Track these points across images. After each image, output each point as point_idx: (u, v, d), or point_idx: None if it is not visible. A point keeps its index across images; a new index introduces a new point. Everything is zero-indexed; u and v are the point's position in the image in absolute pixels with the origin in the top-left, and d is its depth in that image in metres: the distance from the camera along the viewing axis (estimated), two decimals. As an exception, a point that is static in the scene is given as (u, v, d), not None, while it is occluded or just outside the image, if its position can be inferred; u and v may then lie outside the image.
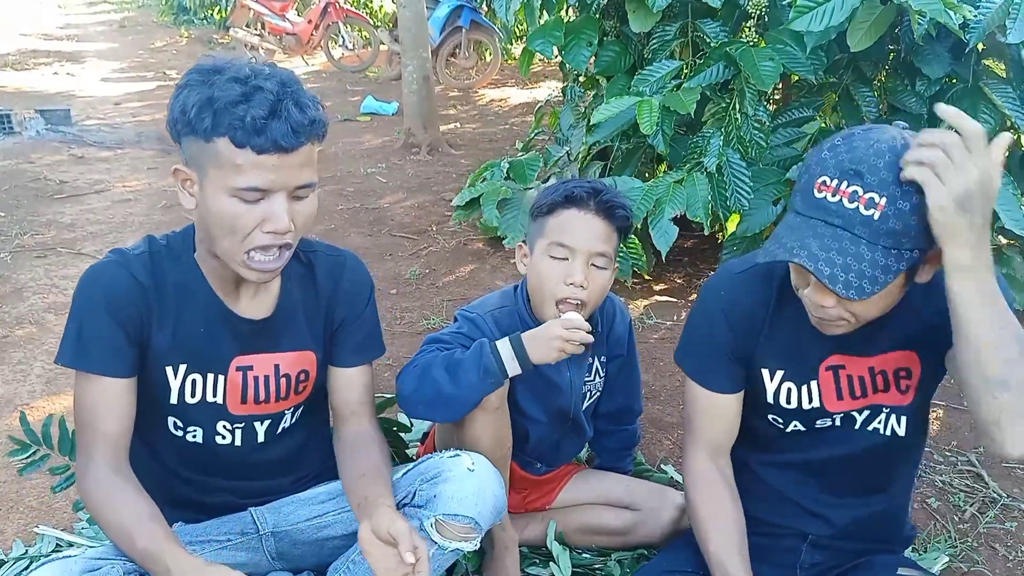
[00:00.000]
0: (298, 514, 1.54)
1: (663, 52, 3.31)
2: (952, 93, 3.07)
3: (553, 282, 1.57)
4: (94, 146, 5.85)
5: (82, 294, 1.32)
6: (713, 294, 1.42)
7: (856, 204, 1.10)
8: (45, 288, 3.46)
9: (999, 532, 2.06)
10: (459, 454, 1.48)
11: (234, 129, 1.16)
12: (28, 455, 1.67)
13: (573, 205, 1.58)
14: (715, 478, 1.44)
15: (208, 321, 1.37)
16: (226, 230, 1.23)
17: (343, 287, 1.48)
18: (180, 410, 1.41)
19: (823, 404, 1.40)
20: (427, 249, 4.00)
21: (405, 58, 5.61)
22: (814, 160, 1.16)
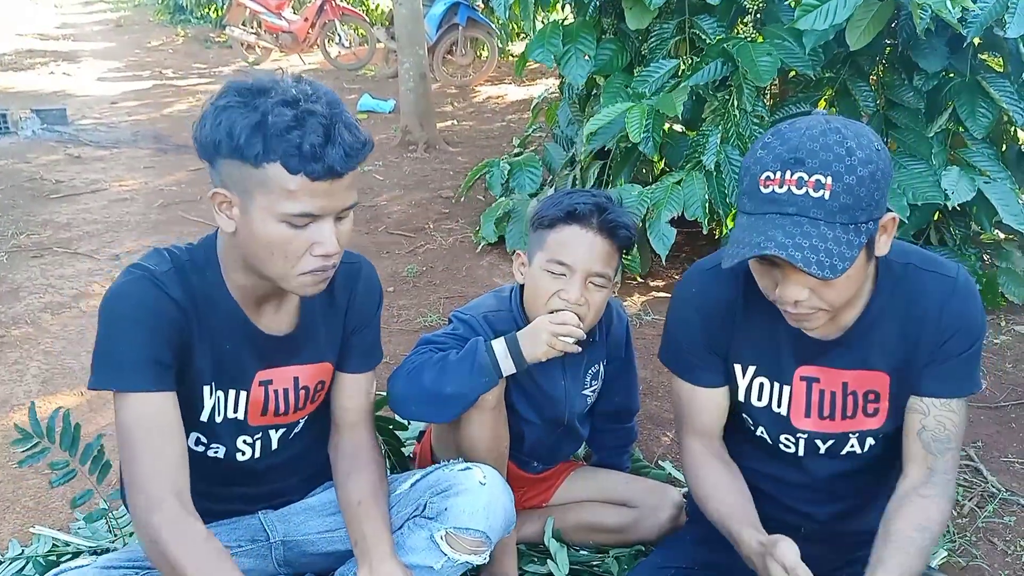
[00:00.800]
0: (309, 525, 1.54)
1: (661, 50, 3.31)
2: (949, 87, 3.07)
3: (548, 298, 1.55)
4: (90, 145, 5.84)
5: (113, 312, 1.23)
6: (685, 292, 1.44)
7: (805, 189, 1.12)
8: (41, 288, 3.45)
9: (998, 527, 2.06)
10: (470, 467, 1.47)
11: (289, 156, 1.12)
12: (30, 447, 1.66)
13: (575, 222, 1.54)
14: (710, 457, 1.45)
15: (233, 338, 1.34)
16: (277, 255, 1.20)
17: (358, 295, 1.47)
18: (207, 428, 1.38)
19: (789, 416, 1.39)
20: (424, 247, 3.99)
21: (402, 55, 5.60)
22: (751, 161, 1.18)
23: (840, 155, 1.11)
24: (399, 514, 1.48)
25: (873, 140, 1.16)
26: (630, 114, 3.03)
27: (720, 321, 1.39)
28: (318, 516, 1.55)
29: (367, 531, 1.38)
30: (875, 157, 1.14)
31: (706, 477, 1.44)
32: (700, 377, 1.44)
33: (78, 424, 1.71)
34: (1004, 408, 2.62)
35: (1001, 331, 3.13)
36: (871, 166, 1.13)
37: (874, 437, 1.41)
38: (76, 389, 2.64)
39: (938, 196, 2.94)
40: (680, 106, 2.99)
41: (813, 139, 1.13)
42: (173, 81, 8.47)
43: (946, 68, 3.05)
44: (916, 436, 1.34)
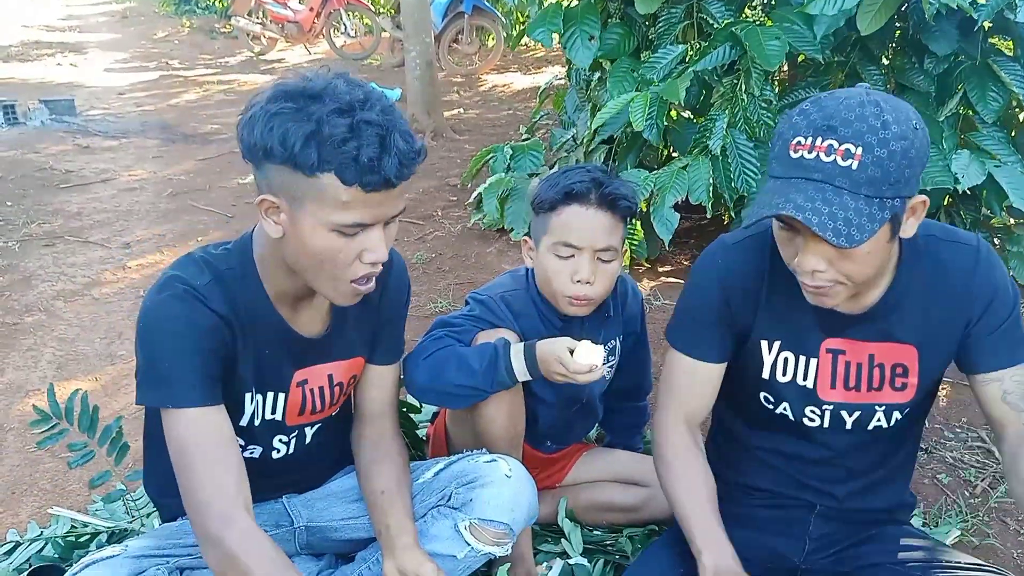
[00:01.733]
0: (332, 512, 1.55)
1: (668, 35, 3.30)
2: (960, 71, 3.05)
3: (561, 280, 1.56)
4: (99, 136, 5.86)
5: (159, 328, 1.23)
6: (709, 262, 1.42)
7: (833, 157, 1.11)
8: (54, 276, 3.48)
9: (1010, 507, 2.06)
10: (496, 459, 1.48)
11: (344, 168, 1.10)
12: (48, 428, 1.68)
13: (575, 201, 1.55)
14: (687, 440, 1.42)
15: (274, 342, 1.34)
16: (327, 264, 1.19)
17: (390, 289, 1.47)
18: (246, 431, 1.39)
19: (816, 388, 1.38)
20: (433, 234, 4.00)
21: (408, 44, 5.59)
22: (785, 126, 1.17)
23: (874, 127, 1.10)
24: (423, 503, 1.49)
25: (912, 118, 1.15)
26: (634, 103, 3.02)
27: (743, 295, 1.38)
28: (341, 503, 1.56)
29: (391, 522, 1.38)
30: (911, 135, 1.12)
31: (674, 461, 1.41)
32: (706, 352, 1.42)
33: (96, 406, 1.72)
34: (1015, 391, 2.62)
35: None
36: (904, 142, 1.11)
37: (901, 411, 1.39)
38: (90, 375, 2.66)
39: (948, 181, 2.93)
40: (683, 92, 2.98)
41: (850, 109, 1.12)
42: (180, 72, 8.48)
43: (956, 52, 3.03)
44: (1000, 402, 1.32)
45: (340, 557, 1.60)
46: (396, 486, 1.43)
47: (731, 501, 1.50)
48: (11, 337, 2.93)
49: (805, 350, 1.38)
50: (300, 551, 1.57)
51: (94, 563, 1.31)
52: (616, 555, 1.77)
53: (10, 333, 2.96)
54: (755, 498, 1.52)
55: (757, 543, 1.47)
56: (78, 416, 1.69)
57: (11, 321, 3.05)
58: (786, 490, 1.50)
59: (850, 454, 1.45)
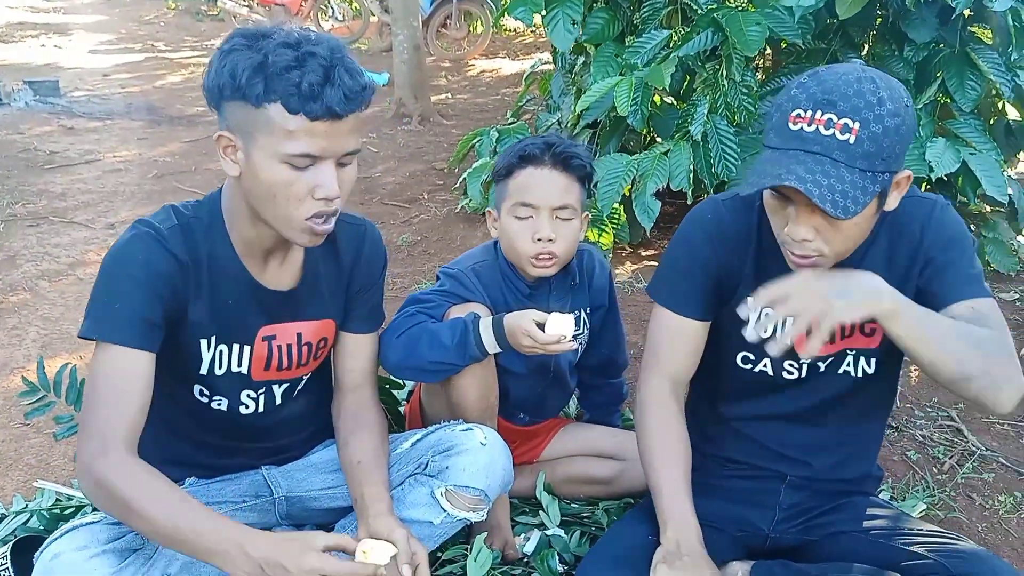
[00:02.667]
0: (311, 481, 1.58)
1: (653, 20, 3.32)
2: (939, 59, 3.09)
3: (522, 241, 1.61)
4: (83, 117, 5.84)
5: (114, 267, 1.26)
6: (699, 217, 1.44)
7: (832, 131, 1.15)
8: (38, 256, 3.49)
9: (976, 483, 2.12)
10: (471, 428, 1.52)
11: (288, 95, 1.14)
12: (36, 399, 1.71)
13: (529, 163, 1.60)
14: (670, 406, 1.44)
15: (237, 293, 1.37)
16: (279, 198, 1.21)
17: (363, 256, 1.49)
18: (208, 380, 1.41)
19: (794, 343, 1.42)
20: (418, 217, 4.03)
21: (395, 28, 5.60)
22: (785, 98, 1.20)
23: (871, 103, 1.14)
24: (400, 471, 1.52)
25: (903, 96, 1.19)
26: (618, 88, 3.05)
27: (732, 249, 1.40)
28: (320, 473, 1.59)
29: (366, 491, 1.41)
30: (903, 112, 1.17)
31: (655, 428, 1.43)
32: (691, 308, 1.43)
33: (83, 379, 1.75)
34: (986, 372, 2.68)
35: (986, 299, 3.19)
36: (898, 119, 1.16)
37: (867, 360, 1.43)
38: (75, 353, 2.68)
39: (922, 170, 2.96)
40: (668, 78, 3.01)
41: (848, 84, 1.16)
42: (165, 54, 8.43)
43: (935, 40, 3.07)
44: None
45: (320, 527, 1.62)
46: (373, 456, 1.45)
47: (706, 472, 1.54)
48: (-4, 316, 2.94)
49: None
50: (281, 521, 1.60)
51: (73, 529, 1.34)
52: (592, 527, 1.81)
53: (-6, 312, 2.97)
54: (729, 469, 1.57)
55: (729, 513, 1.52)
56: (66, 389, 1.72)
57: (-5, 300, 3.07)
58: (760, 461, 1.54)
59: (825, 407, 1.48)
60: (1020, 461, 2.21)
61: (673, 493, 1.37)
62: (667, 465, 1.40)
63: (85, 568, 1.27)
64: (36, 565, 1.30)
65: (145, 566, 1.33)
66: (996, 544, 1.91)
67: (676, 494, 1.37)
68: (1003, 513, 2.01)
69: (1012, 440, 2.32)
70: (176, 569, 1.35)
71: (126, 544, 1.33)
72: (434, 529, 1.48)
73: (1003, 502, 2.05)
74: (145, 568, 1.32)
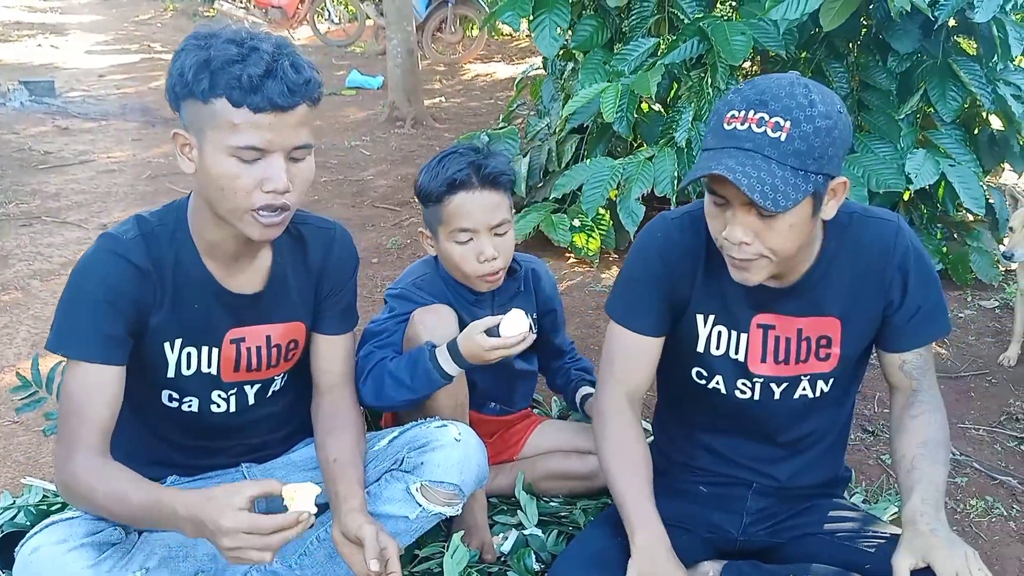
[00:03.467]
0: (291, 480, 1.59)
1: (640, 28, 3.37)
2: (921, 69, 3.14)
3: (468, 263, 1.66)
4: (78, 117, 5.87)
5: (78, 284, 1.32)
6: (649, 237, 1.48)
7: (764, 128, 1.19)
8: (31, 255, 3.52)
9: (950, 487, 2.15)
10: (446, 424, 1.55)
11: (231, 88, 1.18)
12: (28, 395, 1.75)
13: (460, 189, 1.64)
14: (627, 416, 1.48)
15: (202, 297, 1.40)
16: (227, 191, 1.24)
17: (332, 260, 1.52)
18: (176, 383, 1.45)
19: (747, 362, 1.45)
20: (408, 220, 4.06)
21: (390, 32, 5.64)
22: (722, 104, 1.26)
23: (802, 104, 1.19)
24: (377, 468, 1.55)
25: (837, 103, 1.23)
26: (605, 95, 3.10)
27: (683, 268, 1.44)
28: (299, 471, 1.62)
29: (340, 489, 1.44)
30: (835, 116, 1.21)
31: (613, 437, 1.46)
32: (642, 323, 1.47)
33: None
34: (964, 378, 2.73)
35: (967, 306, 3.23)
36: (829, 121, 1.20)
37: (825, 381, 1.47)
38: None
39: (900, 184, 3.01)
40: (654, 86, 3.06)
41: (780, 87, 1.21)
42: (161, 55, 8.45)
43: (918, 50, 3.12)
44: (898, 369, 1.46)
45: (299, 525, 1.66)
46: (349, 455, 1.48)
47: (673, 476, 1.58)
48: (-13, 314, 2.97)
49: (737, 324, 1.45)
50: (259, 522, 1.63)
51: (53, 524, 1.37)
52: (569, 526, 1.84)
53: (-14, 310, 3.00)
54: (696, 475, 1.60)
55: (699, 516, 1.55)
56: (57, 386, 1.75)
57: (-13, 299, 3.10)
58: (725, 470, 1.58)
59: (781, 428, 1.52)
60: (993, 466, 2.25)
61: (637, 499, 1.41)
62: (628, 471, 1.44)
63: (64, 561, 1.30)
64: (16, 559, 1.33)
65: (123, 560, 1.35)
66: (966, 547, 1.94)
67: (639, 500, 1.41)
68: (974, 517, 2.05)
69: (987, 446, 2.37)
70: (155, 563, 1.38)
71: (104, 538, 1.36)
72: (410, 524, 1.51)
73: (975, 506, 2.09)
74: (124, 562, 1.35)
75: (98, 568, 1.31)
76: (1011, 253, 2.61)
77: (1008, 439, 2.39)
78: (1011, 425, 2.46)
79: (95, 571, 1.30)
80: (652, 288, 1.45)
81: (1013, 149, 3.40)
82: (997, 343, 2.93)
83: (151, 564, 1.38)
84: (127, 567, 1.34)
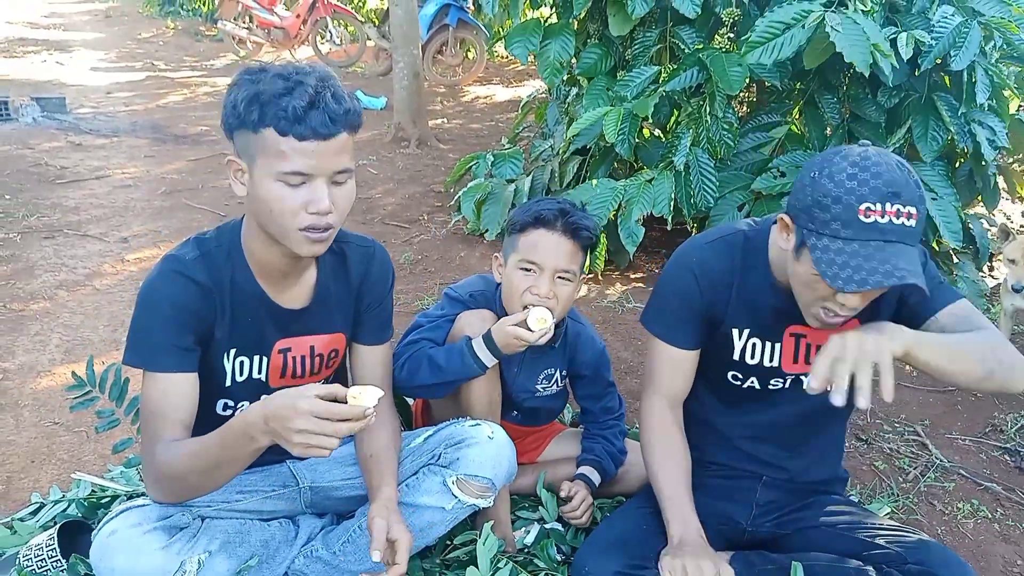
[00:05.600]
0: (333, 474, 1.75)
1: (643, 57, 3.55)
2: (907, 103, 3.31)
3: (522, 293, 1.78)
4: (90, 134, 5.97)
5: (147, 303, 1.44)
6: (684, 259, 1.63)
7: (901, 220, 1.32)
8: (55, 266, 3.63)
9: (938, 491, 2.32)
10: (480, 423, 1.69)
11: (278, 119, 1.29)
12: (82, 394, 1.87)
13: (542, 226, 1.77)
14: (671, 424, 1.66)
15: (256, 312, 1.53)
16: (275, 212, 1.36)
17: (371, 275, 1.66)
18: (231, 391, 1.58)
19: (780, 365, 1.62)
20: (419, 237, 4.21)
21: (396, 55, 5.79)
22: (842, 191, 1.32)
23: (918, 190, 1.32)
24: (415, 463, 1.69)
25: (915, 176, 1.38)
26: (607, 117, 3.28)
27: (717, 289, 1.59)
28: (340, 466, 1.76)
29: (373, 480, 1.59)
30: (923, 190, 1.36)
31: (659, 444, 1.64)
32: (680, 339, 1.64)
33: (127, 379, 1.91)
34: (951, 392, 2.89)
35: (952, 325, 3.39)
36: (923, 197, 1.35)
37: None
38: (98, 358, 2.82)
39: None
40: (651, 107, 3.23)
41: (902, 175, 1.31)
42: (166, 73, 8.59)
43: (905, 85, 3.29)
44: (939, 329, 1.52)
45: (341, 516, 1.79)
46: (384, 451, 1.62)
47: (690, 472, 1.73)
48: (19, 323, 3.08)
49: (771, 336, 1.61)
50: (305, 510, 1.76)
51: (127, 510, 1.50)
52: (586, 522, 1.98)
53: (18, 319, 3.11)
54: (711, 471, 1.75)
55: (711, 508, 1.69)
56: (110, 386, 1.88)
57: (18, 308, 3.20)
58: (740, 464, 1.74)
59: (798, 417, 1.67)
60: (979, 473, 2.41)
61: (677, 496, 1.58)
62: (671, 473, 1.61)
63: (140, 542, 1.43)
64: (94, 541, 1.45)
65: (191, 542, 1.48)
66: (953, 545, 2.09)
67: (679, 498, 1.58)
68: (960, 518, 2.21)
69: (973, 454, 2.52)
70: (216, 547, 1.51)
71: (174, 522, 1.50)
72: (445, 514, 1.65)
73: (961, 508, 2.24)
74: (191, 544, 1.48)
75: (169, 549, 1.44)
76: (1021, 286, 2.71)
77: (992, 448, 2.55)
78: (995, 436, 2.62)
79: (166, 552, 1.43)
80: (689, 307, 1.61)
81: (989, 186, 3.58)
82: (981, 359, 3.09)
83: (213, 548, 1.50)
84: (194, 549, 1.47)
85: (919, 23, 3.08)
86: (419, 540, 1.66)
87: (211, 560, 1.48)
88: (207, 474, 1.40)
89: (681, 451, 1.64)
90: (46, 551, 1.67)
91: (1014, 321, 2.99)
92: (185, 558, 1.44)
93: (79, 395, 1.88)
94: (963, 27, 2.97)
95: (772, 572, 1.60)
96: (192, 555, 1.46)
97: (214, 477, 1.41)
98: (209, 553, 1.49)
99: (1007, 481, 2.37)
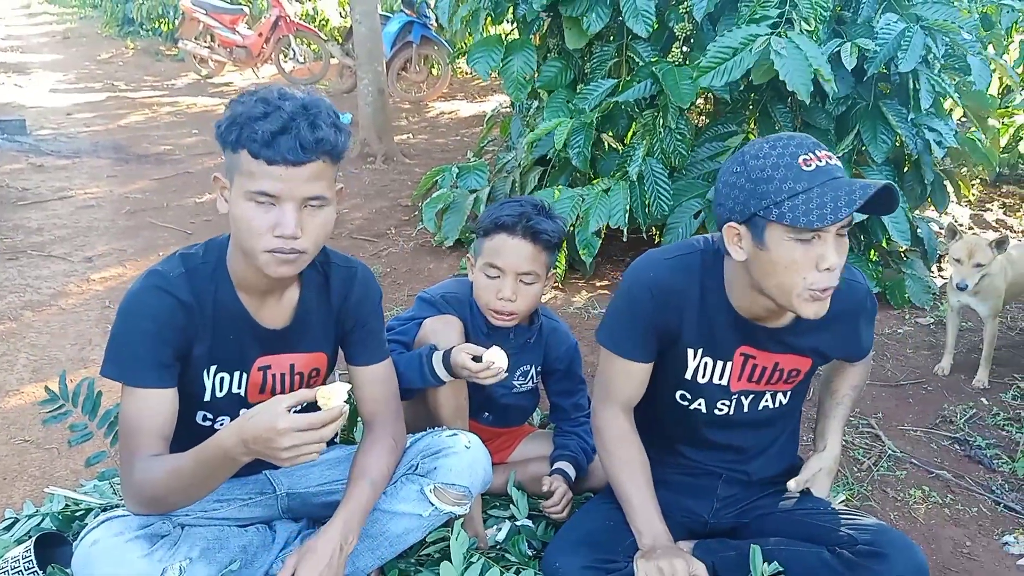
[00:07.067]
0: (309, 478, 1.79)
1: (601, 70, 3.66)
2: (855, 111, 3.45)
3: (487, 295, 1.87)
4: (51, 155, 5.92)
5: (128, 317, 1.46)
6: (640, 274, 1.62)
7: (835, 162, 1.40)
8: (20, 287, 3.62)
9: (891, 479, 2.42)
10: (456, 433, 1.74)
11: (251, 142, 1.33)
12: (55, 408, 1.89)
13: (503, 231, 1.85)
14: (628, 431, 1.71)
15: (237, 330, 1.55)
16: (243, 231, 1.39)
17: (353, 296, 1.66)
18: (211, 405, 1.61)
19: (728, 384, 1.67)
20: (387, 250, 4.25)
21: (361, 72, 5.84)
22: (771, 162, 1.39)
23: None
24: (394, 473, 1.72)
25: None
26: (559, 128, 3.38)
27: (672, 306, 1.59)
28: (317, 470, 1.79)
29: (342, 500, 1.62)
30: None
31: (617, 450, 1.69)
32: (635, 354, 1.64)
33: (100, 392, 1.93)
34: (903, 386, 3.01)
35: (905, 323, 3.54)
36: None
37: (784, 395, 1.72)
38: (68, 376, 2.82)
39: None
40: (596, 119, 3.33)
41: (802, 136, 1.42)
42: (126, 93, 8.53)
43: (852, 94, 3.44)
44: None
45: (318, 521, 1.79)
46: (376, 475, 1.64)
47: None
48: (-16, 344, 3.07)
49: (722, 355, 1.64)
50: (282, 515, 1.80)
51: (109, 519, 1.51)
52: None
53: (-17, 340, 3.10)
54: (669, 466, 1.80)
55: (674, 502, 1.76)
56: (83, 400, 1.90)
57: (-18, 329, 3.19)
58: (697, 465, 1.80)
59: (747, 436, 1.75)
60: (930, 462, 2.52)
61: (642, 505, 1.65)
62: (632, 477, 1.67)
63: (122, 551, 1.44)
64: (76, 551, 1.46)
65: (172, 550, 1.50)
66: (905, 528, 2.19)
67: (645, 505, 1.65)
68: (911, 504, 2.31)
69: (923, 444, 2.63)
70: (197, 553, 1.54)
71: (155, 530, 1.51)
72: (422, 521, 1.69)
73: (913, 494, 2.34)
74: (172, 551, 1.50)
75: (151, 557, 1.46)
76: (965, 284, 2.80)
77: (942, 439, 2.66)
78: (945, 427, 2.74)
79: (148, 560, 1.45)
80: (642, 323, 1.61)
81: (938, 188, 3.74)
82: (932, 355, 3.23)
83: (194, 554, 1.53)
84: (175, 556, 1.49)
85: (864, 32, 3.22)
86: (396, 545, 1.71)
87: (192, 567, 1.51)
88: (185, 492, 1.44)
89: (639, 457, 1.70)
90: (23, 563, 1.69)
91: (960, 317, 3.12)
92: (167, 565, 1.47)
93: (52, 409, 1.90)
94: (906, 32, 3.11)
95: (733, 559, 1.67)
96: (173, 562, 1.48)
97: (191, 495, 1.45)
98: (190, 560, 1.51)
99: (957, 468, 2.48)
